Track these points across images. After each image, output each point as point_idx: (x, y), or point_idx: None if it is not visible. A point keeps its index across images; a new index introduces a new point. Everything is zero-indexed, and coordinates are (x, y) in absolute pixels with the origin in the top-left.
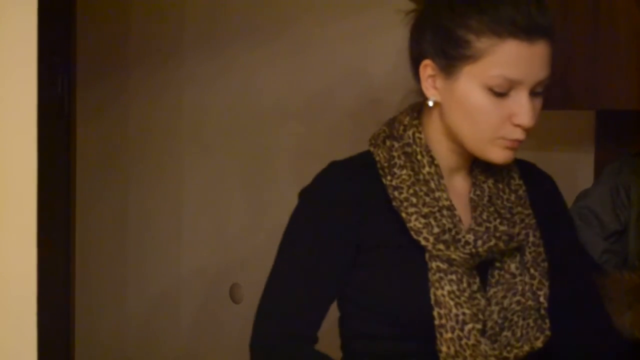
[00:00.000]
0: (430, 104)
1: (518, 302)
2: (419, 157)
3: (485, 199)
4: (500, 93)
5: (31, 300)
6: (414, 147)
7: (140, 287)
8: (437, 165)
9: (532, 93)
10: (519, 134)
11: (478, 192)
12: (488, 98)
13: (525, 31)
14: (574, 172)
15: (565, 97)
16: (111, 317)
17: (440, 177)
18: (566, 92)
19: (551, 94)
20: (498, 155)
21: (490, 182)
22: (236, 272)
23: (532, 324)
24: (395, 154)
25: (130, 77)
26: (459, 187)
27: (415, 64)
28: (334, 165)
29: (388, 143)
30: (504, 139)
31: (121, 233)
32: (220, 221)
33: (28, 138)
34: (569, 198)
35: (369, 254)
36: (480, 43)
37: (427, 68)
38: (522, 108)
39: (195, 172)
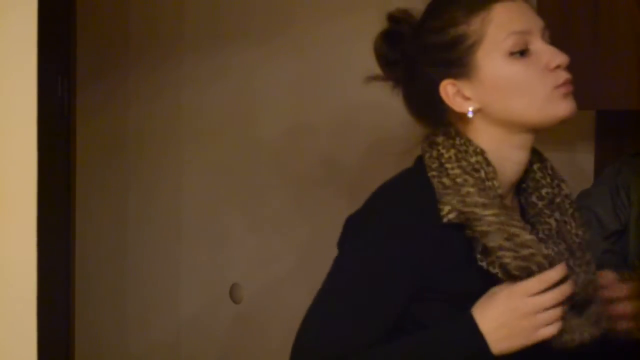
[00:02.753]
0: (471, 114)
1: None
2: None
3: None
4: (521, 51)
5: (31, 299)
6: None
7: (139, 286)
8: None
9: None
10: (564, 75)
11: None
12: (516, 63)
13: None
14: (574, 172)
15: None
16: (111, 315)
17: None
18: None
19: None
20: (565, 107)
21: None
22: (236, 272)
23: None
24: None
25: (130, 77)
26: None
27: (430, 103)
28: (394, 193)
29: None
30: (556, 87)
31: (121, 232)
32: (220, 220)
33: (28, 138)
34: None
35: (433, 291)
36: (474, 25)
37: (447, 87)
38: (548, 51)
39: (194, 172)
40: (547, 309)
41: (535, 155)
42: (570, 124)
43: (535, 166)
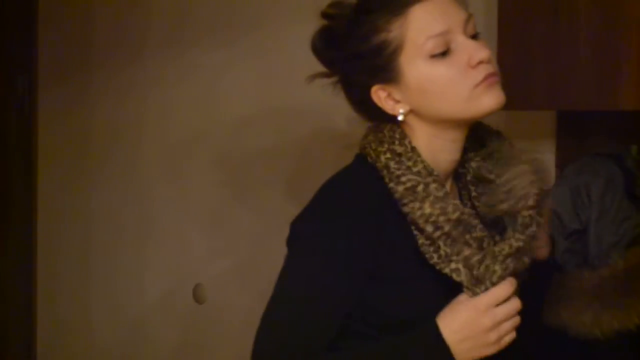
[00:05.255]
0: (401, 117)
1: None
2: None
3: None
4: (442, 52)
5: None
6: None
7: (105, 290)
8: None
9: (470, 37)
10: (486, 69)
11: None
12: (437, 64)
13: None
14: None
15: (527, 98)
16: (76, 323)
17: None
18: (527, 93)
19: (513, 96)
20: (489, 99)
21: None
22: (199, 272)
23: None
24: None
25: (95, 77)
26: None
27: (366, 104)
28: (338, 183)
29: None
30: (479, 83)
31: (85, 234)
32: (185, 221)
33: None
34: None
35: (385, 276)
36: (394, 32)
37: (378, 92)
38: (468, 47)
39: (160, 174)
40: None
41: (478, 142)
42: (532, 124)
43: (471, 154)
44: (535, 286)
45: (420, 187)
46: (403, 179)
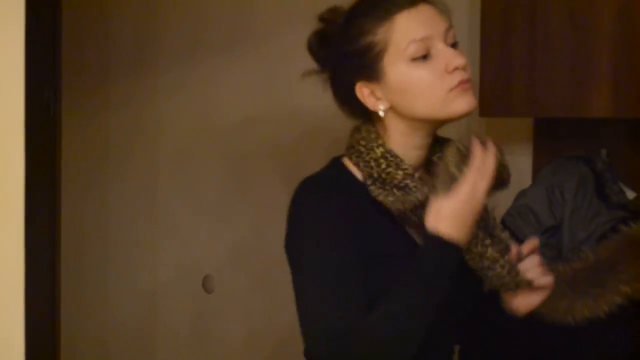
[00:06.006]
0: (382, 113)
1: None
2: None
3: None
4: (423, 56)
5: (19, 302)
6: (387, 160)
7: (123, 283)
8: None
9: (449, 46)
10: (461, 75)
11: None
12: (417, 67)
13: (405, 1)
14: (514, 173)
15: (506, 106)
16: (96, 314)
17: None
18: (507, 101)
19: (494, 103)
20: (461, 104)
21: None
22: (208, 265)
23: None
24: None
25: (113, 89)
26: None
27: (349, 99)
28: (312, 182)
29: (362, 160)
30: (453, 88)
31: (104, 231)
32: (194, 220)
33: (16, 140)
34: (509, 197)
35: (367, 259)
36: (380, 35)
37: (362, 89)
38: (447, 54)
39: (170, 175)
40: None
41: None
42: (510, 131)
43: (438, 149)
44: None
45: (393, 176)
46: (379, 169)
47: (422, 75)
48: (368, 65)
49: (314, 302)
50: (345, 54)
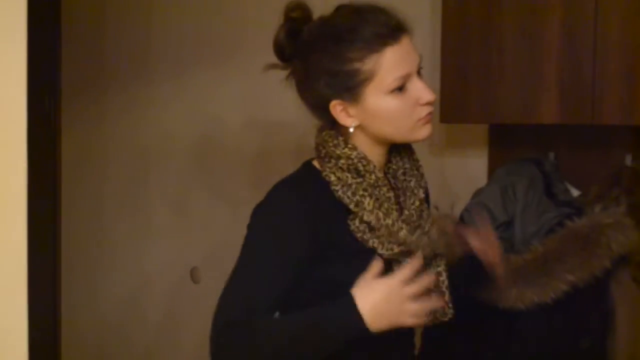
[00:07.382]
0: (351, 130)
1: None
2: (364, 167)
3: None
4: (400, 88)
5: (22, 299)
6: (355, 161)
7: (116, 275)
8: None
9: (417, 73)
10: (428, 109)
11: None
12: (395, 99)
13: (391, 36)
14: (471, 174)
15: (464, 113)
16: (92, 305)
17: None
18: (464, 109)
19: (453, 111)
20: (424, 132)
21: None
22: (195, 257)
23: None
24: (342, 173)
25: (110, 98)
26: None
27: (320, 108)
28: (284, 185)
29: (332, 161)
30: (419, 120)
31: (100, 225)
32: (182, 217)
33: (19, 148)
34: (467, 195)
35: (329, 253)
36: (367, 65)
37: (337, 106)
38: (421, 90)
39: (161, 176)
40: (415, 298)
41: (400, 152)
42: (468, 136)
43: (395, 158)
44: (467, 269)
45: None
46: (341, 169)
47: (397, 105)
48: (350, 89)
49: (234, 285)
50: (327, 70)
